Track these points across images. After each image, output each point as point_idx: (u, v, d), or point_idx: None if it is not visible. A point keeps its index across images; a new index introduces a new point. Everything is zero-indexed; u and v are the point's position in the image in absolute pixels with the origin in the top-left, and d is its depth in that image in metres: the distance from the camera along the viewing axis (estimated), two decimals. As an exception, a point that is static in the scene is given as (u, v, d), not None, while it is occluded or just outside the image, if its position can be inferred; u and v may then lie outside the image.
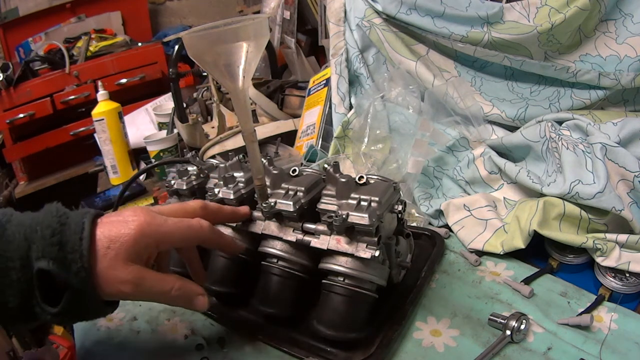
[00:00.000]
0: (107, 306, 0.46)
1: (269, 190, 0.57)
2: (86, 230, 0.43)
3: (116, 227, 0.44)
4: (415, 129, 0.79)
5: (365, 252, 0.50)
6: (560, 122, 0.77)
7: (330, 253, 0.53)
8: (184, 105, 1.25)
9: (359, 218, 0.49)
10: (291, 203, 0.54)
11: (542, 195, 0.68)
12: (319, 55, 1.57)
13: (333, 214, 0.50)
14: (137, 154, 1.29)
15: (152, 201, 1.06)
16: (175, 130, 1.25)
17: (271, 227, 0.57)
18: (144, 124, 1.49)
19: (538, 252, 0.66)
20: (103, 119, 1.19)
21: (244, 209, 0.57)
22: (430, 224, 0.78)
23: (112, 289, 0.43)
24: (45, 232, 0.42)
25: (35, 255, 0.41)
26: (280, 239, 0.56)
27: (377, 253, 0.50)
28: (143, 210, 0.46)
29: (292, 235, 0.55)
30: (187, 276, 0.68)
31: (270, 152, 1.06)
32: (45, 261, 0.41)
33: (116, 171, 1.24)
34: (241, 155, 0.66)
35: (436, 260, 0.67)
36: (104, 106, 1.20)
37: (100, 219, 0.45)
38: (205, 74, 1.55)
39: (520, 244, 0.64)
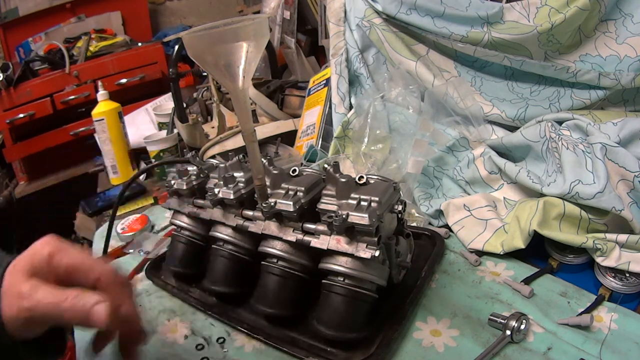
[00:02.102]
0: (37, 355, 0.42)
1: (269, 190, 0.57)
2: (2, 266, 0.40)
3: (23, 253, 0.41)
4: (415, 129, 0.79)
5: (365, 252, 0.50)
6: (560, 122, 0.77)
7: (330, 253, 0.53)
8: (184, 105, 1.25)
9: (359, 218, 0.49)
10: (291, 203, 0.54)
11: (542, 195, 0.68)
12: (319, 55, 1.57)
13: (333, 214, 0.50)
14: (137, 154, 1.29)
15: (152, 201, 1.06)
16: (175, 130, 1.25)
17: (271, 227, 0.57)
18: (144, 124, 1.49)
19: (538, 252, 0.66)
20: (103, 119, 1.19)
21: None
22: (430, 224, 0.78)
23: (13, 309, 0.38)
24: None
25: None
26: (280, 239, 0.56)
27: (377, 253, 0.50)
28: (54, 237, 0.42)
29: (292, 235, 0.55)
30: (187, 277, 0.69)
31: (270, 152, 1.06)
32: None
33: (116, 171, 1.24)
34: (241, 155, 0.66)
35: (436, 260, 0.67)
36: (104, 106, 1.20)
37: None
38: (205, 74, 1.55)
39: (520, 244, 0.64)
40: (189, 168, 0.68)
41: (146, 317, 0.64)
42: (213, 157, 1.07)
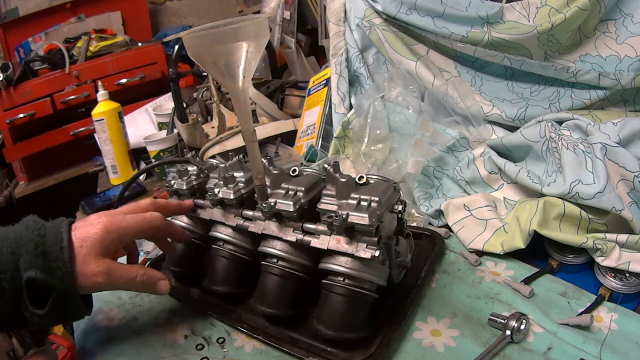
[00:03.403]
0: (87, 307, 0.53)
1: (269, 190, 0.57)
2: (65, 240, 0.49)
3: (86, 229, 0.51)
4: (415, 129, 0.79)
5: (365, 252, 0.50)
6: (560, 122, 0.77)
7: (330, 253, 0.53)
8: (184, 105, 1.25)
9: (359, 218, 0.49)
10: (291, 203, 0.54)
11: (542, 195, 0.68)
12: (319, 55, 1.57)
13: (333, 214, 0.50)
14: (137, 154, 1.29)
15: (152, 201, 1.06)
16: (175, 130, 1.25)
17: (271, 227, 0.57)
18: (144, 124, 1.49)
19: (538, 252, 0.66)
20: (103, 119, 1.19)
21: (188, 202, 0.64)
22: (430, 224, 0.78)
23: (88, 282, 0.49)
24: (29, 245, 0.48)
25: (24, 267, 0.47)
26: (280, 239, 0.56)
27: (377, 253, 0.50)
28: (105, 213, 0.54)
29: (292, 235, 0.55)
30: (187, 277, 0.69)
31: (270, 152, 1.06)
32: (33, 271, 0.47)
33: (116, 171, 1.24)
34: (241, 155, 0.66)
35: (436, 260, 0.67)
36: (104, 106, 1.20)
37: (74, 225, 0.52)
38: (205, 74, 1.55)
39: (520, 244, 0.64)
40: (189, 168, 0.68)
41: (146, 317, 0.64)
42: (213, 157, 1.07)
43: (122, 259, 0.61)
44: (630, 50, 0.78)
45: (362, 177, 0.55)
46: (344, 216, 0.49)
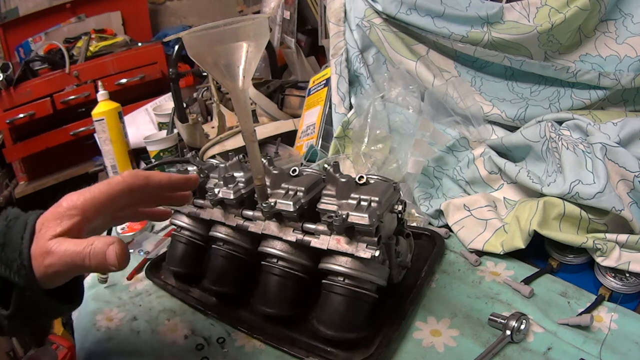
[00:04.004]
0: (61, 303, 0.46)
1: (269, 190, 0.57)
2: (28, 228, 0.43)
3: (50, 210, 0.44)
4: (415, 129, 0.79)
5: (365, 252, 0.50)
6: (560, 122, 0.77)
7: (330, 253, 0.53)
8: (184, 105, 1.25)
9: (359, 218, 0.49)
10: (291, 203, 0.54)
11: (542, 195, 0.68)
12: (319, 55, 1.57)
13: (333, 214, 0.50)
14: (137, 154, 1.29)
15: (152, 201, 1.06)
16: (175, 130, 1.25)
17: (271, 227, 0.57)
18: (144, 124, 1.49)
19: (538, 252, 0.66)
20: (103, 119, 1.19)
21: (194, 176, 0.56)
22: (430, 224, 0.78)
23: (41, 268, 0.42)
24: None
25: None
26: (280, 239, 0.56)
27: (377, 253, 0.50)
28: (76, 191, 0.46)
29: (292, 235, 0.55)
30: (187, 277, 0.69)
31: (270, 152, 1.06)
32: None
33: (116, 171, 1.23)
34: (241, 155, 0.66)
35: (436, 260, 0.67)
36: (104, 106, 1.20)
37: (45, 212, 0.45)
38: (205, 74, 1.55)
39: (520, 244, 0.64)
40: (189, 168, 0.68)
41: (146, 317, 0.64)
42: (213, 157, 1.07)
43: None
44: (630, 50, 0.78)
45: (362, 177, 0.55)
46: (344, 216, 0.49)
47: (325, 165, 0.55)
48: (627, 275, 0.58)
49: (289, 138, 1.11)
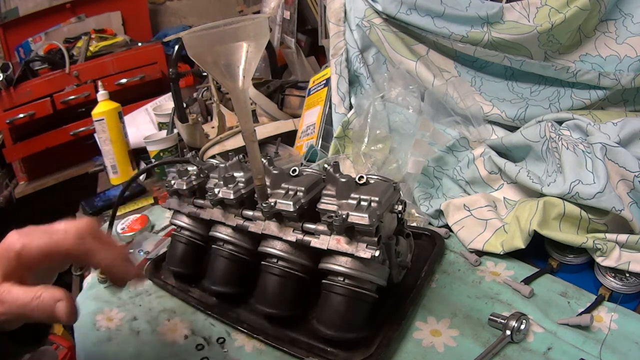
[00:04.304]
0: (18, 346, 0.43)
1: (269, 190, 0.57)
2: None
3: None
4: (415, 129, 0.79)
5: (365, 252, 0.50)
6: (560, 122, 0.77)
7: (330, 253, 0.53)
8: (184, 105, 1.25)
9: (359, 218, 0.49)
10: (291, 203, 0.54)
11: (542, 195, 0.68)
12: (319, 55, 1.57)
13: (333, 214, 0.50)
14: (137, 154, 1.29)
15: (152, 201, 1.06)
16: (175, 130, 1.25)
17: (271, 227, 0.57)
18: (144, 124, 1.49)
19: (538, 252, 0.66)
20: (103, 119, 1.19)
21: (138, 272, 0.48)
22: (430, 224, 0.78)
23: None
24: None
25: None
26: (280, 239, 0.56)
27: (377, 253, 0.50)
28: (22, 229, 0.42)
29: (292, 235, 0.55)
30: (187, 277, 0.69)
31: (270, 152, 1.06)
32: None
33: (116, 171, 1.24)
34: (241, 155, 0.66)
35: (436, 260, 0.67)
36: (104, 106, 1.20)
37: None
38: (205, 74, 1.55)
39: (520, 244, 0.64)
40: (189, 168, 0.68)
41: (146, 317, 0.64)
42: (213, 157, 1.07)
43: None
44: (630, 50, 0.78)
45: (362, 177, 0.55)
46: (344, 216, 0.49)
47: (325, 165, 0.55)
48: (627, 275, 0.58)
49: (289, 138, 1.11)
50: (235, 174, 0.62)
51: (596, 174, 0.63)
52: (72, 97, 2.03)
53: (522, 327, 0.52)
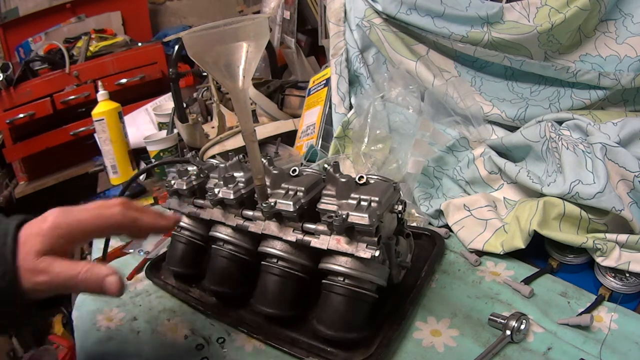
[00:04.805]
0: (41, 309, 0.47)
1: (269, 190, 0.57)
2: (10, 235, 0.44)
3: (35, 224, 0.45)
4: (415, 129, 0.79)
5: (365, 252, 0.50)
6: (560, 122, 0.77)
7: (330, 253, 0.53)
8: (184, 105, 1.25)
9: (359, 218, 0.49)
10: (291, 203, 0.54)
11: (542, 195, 0.68)
12: (319, 55, 1.57)
13: (333, 214, 0.50)
14: (137, 154, 1.29)
15: (152, 201, 1.06)
16: (175, 130, 1.25)
17: (271, 227, 0.57)
18: (144, 124, 1.49)
19: (538, 252, 0.66)
20: (103, 119, 1.19)
21: (177, 216, 0.57)
22: (430, 224, 0.78)
23: (30, 283, 0.43)
24: None
25: None
26: (280, 239, 0.56)
27: (377, 253, 0.50)
28: (62, 208, 0.47)
29: (292, 235, 0.55)
30: (187, 277, 0.69)
31: (270, 152, 1.06)
32: None
33: (116, 171, 1.24)
34: (241, 155, 0.66)
35: (436, 260, 0.67)
36: (104, 106, 1.20)
37: (27, 222, 0.46)
38: (205, 74, 1.55)
39: (520, 244, 0.64)
40: (189, 168, 0.68)
41: (146, 317, 0.64)
42: (213, 157, 1.07)
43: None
44: (630, 50, 0.78)
45: (362, 177, 0.55)
46: (344, 216, 0.49)
47: (325, 165, 0.55)
48: (627, 275, 0.58)
49: (289, 138, 1.11)
50: (235, 174, 0.62)
51: (596, 174, 0.63)
52: (72, 97, 2.03)
53: (522, 327, 0.52)
